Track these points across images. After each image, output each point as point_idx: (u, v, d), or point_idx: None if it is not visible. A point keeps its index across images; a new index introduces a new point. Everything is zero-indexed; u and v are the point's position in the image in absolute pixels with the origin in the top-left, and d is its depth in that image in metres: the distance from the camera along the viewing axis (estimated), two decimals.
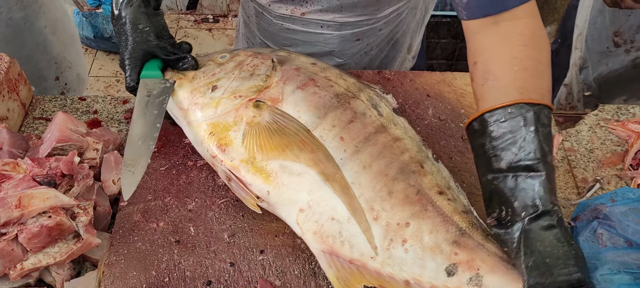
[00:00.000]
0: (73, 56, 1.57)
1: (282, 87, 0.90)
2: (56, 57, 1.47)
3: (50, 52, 1.44)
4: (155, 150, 1.03)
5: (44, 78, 1.43)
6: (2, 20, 1.28)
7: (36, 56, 1.40)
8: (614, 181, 1.04)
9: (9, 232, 0.81)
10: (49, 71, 1.45)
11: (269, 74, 0.92)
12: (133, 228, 0.91)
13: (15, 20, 1.31)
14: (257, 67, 0.94)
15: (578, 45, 1.61)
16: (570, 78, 1.67)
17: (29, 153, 0.98)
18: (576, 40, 1.61)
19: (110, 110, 1.15)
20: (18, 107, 1.11)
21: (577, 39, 1.61)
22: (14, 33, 1.31)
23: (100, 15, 2.80)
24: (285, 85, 0.90)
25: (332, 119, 0.86)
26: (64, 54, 1.51)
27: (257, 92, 0.90)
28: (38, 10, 1.38)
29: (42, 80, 1.42)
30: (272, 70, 0.93)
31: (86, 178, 0.93)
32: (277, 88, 0.90)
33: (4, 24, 1.29)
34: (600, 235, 0.86)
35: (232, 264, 0.87)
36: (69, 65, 1.53)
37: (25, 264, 0.83)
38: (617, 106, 1.17)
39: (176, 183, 0.98)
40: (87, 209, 0.88)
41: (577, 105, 1.67)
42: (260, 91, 0.90)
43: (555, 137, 1.09)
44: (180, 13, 3.26)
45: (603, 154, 1.08)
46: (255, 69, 0.93)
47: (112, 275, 0.86)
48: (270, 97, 0.89)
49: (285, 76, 0.92)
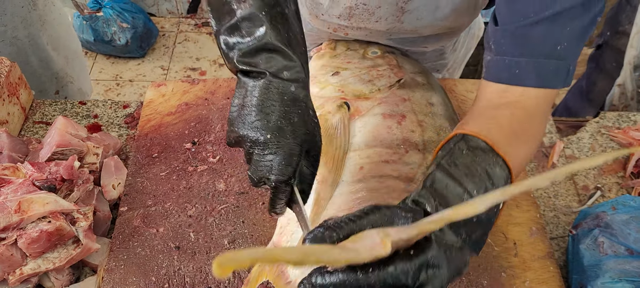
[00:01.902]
0: (75, 71, 1.57)
1: (373, 105, 0.90)
2: (58, 73, 1.48)
3: (52, 68, 1.45)
4: (155, 155, 1.02)
5: (45, 92, 1.44)
6: (7, 39, 1.29)
7: (39, 71, 1.41)
8: (615, 189, 1.04)
9: (8, 236, 0.81)
10: (50, 86, 1.46)
11: (381, 88, 0.93)
12: (133, 234, 0.91)
13: (19, 39, 1.32)
14: (380, 78, 0.95)
15: (635, 44, 1.61)
16: (624, 77, 1.66)
17: (29, 157, 0.98)
18: (633, 38, 1.61)
19: (110, 115, 1.15)
20: (18, 111, 1.10)
21: (634, 38, 1.61)
22: (19, 51, 1.33)
23: (100, 19, 2.80)
24: (378, 106, 0.90)
25: (376, 154, 0.85)
26: (66, 69, 1.52)
27: (356, 97, 0.91)
28: (41, 27, 1.38)
29: (43, 94, 1.43)
30: (388, 87, 0.93)
31: (86, 183, 0.93)
32: (370, 103, 0.91)
33: (8, 43, 1.30)
34: (601, 243, 0.86)
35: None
36: (70, 80, 1.54)
37: (25, 269, 0.83)
38: (618, 113, 1.17)
39: (176, 189, 0.98)
40: (86, 214, 0.88)
41: (630, 103, 1.66)
42: (358, 97, 0.91)
43: (556, 144, 1.09)
44: (180, 17, 3.26)
45: (604, 162, 1.08)
46: (378, 79, 0.94)
47: (111, 280, 0.85)
48: (357, 107, 0.90)
49: (389, 98, 0.92)
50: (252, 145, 0.62)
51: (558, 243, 0.96)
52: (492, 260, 0.88)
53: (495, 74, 0.74)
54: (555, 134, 1.12)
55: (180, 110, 1.11)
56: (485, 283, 0.86)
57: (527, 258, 0.89)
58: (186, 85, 1.16)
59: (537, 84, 0.71)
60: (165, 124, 1.08)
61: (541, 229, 0.92)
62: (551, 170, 0.45)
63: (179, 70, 2.94)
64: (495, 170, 0.61)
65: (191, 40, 3.12)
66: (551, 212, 1.00)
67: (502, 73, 0.73)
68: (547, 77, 0.72)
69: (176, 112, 1.10)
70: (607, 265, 0.82)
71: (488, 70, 0.76)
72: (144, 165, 1.01)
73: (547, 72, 0.71)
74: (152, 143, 1.05)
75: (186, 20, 3.25)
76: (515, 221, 0.93)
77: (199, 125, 1.08)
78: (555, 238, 0.97)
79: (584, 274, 0.85)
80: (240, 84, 0.65)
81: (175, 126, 1.08)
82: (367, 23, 1.00)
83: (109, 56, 2.99)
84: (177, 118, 1.09)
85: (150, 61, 2.99)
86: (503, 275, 0.87)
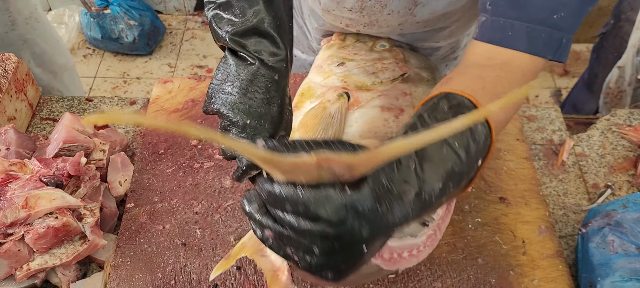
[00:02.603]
0: (65, 84, 1.58)
1: (373, 97, 0.90)
2: (43, 88, 1.49)
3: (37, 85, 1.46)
4: (162, 152, 1.02)
5: None
6: None
7: None
8: (626, 187, 1.02)
9: (15, 232, 0.81)
10: None
11: (383, 81, 0.93)
12: (139, 230, 0.91)
13: None
14: (384, 71, 0.94)
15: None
16: (626, 60, 1.63)
17: (36, 153, 0.98)
18: (639, 20, 1.58)
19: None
20: (25, 107, 1.11)
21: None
22: None
23: (107, 16, 2.80)
24: (377, 98, 0.90)
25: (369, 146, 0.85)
26: (53, 84, 1.53)
27: (357, 88, 0.91)
28: (22, 46, 1.40)
29: None
30: (391, 80, 0.93)
31: (93, 179, 0.93)
32: (370, 95, 0.90)
33: None
34: (611, 241, 0.85)
35: (238, 268, 0.86)
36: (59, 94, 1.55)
37: (32, 265, 0.83)
38: (629, 111, 1.15)
39: (183, 186, 0.97)
40: (93, 210, 0.88)
41: (627, 89, 1.63)
42: (360, 89, 0.91)
43: (566, 142, 1.08)
44: (187, 14, 3.26)
45: (614, 159, 1.07)
46: (382, 72, 0.94)
47: (118, 276, 0.85)
48: (357, 98, 0.90)
49: (390, 91, 0.91)
50: (230, 125, 0.64)
51: (567, 242, 0.95)
52: (501, 259, 0.88)
53: (488, 34, 0.75)
54: (565, 131, 1.11)
55: (187, 107, 1.10)
56: (494, 281, 0.85)
57: (535, 257, 0.88)
58: (193, 82, 1.15)
59: (527, 49, 0.72)
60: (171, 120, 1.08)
61: (550, 227, 0.91)
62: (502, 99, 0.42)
63: (186, 68, 2.95)
64: (478, 127, 0.60)
65: (198, 38, 3.12)
66: (560, 210, 0.99)
67: (495, 34, 0.74)
68: (538, 44, 0.72)
69: (183, 109, 1.10)
70: (617, 264, 0.81)
71: (481, 31, 0.77)
72: (151, 162, 1.01)
73: (539, 39, 0.72)
74: (159, 139, 1.04)
75: (193, 18, 3.25)
76: (524, 219, 0.92)
77: (205, 122, 1.08)
78: (565, 237, 0.96)
79: (593, 273, 0.84)
80: (227, 61, 0.67)
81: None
82: (378, 15, 0.99)
83: (117, 54, 3.00)
84: (184, 115, 1.09)
85: (158, 59, 3.00)
86: (511, 274, 0.86)
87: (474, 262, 0.87)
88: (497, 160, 1.01)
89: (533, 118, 1.14)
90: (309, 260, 0.49)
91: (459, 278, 0.85)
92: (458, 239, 0.90)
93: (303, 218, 0.47)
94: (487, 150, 0.63)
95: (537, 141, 1.10)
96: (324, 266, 0.49)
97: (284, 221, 0.48)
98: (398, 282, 0.85)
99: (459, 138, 0.57)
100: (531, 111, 1.15)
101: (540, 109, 1.16)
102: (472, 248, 0.89)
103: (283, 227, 0.49)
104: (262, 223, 0.51)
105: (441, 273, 0.86)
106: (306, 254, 0.49)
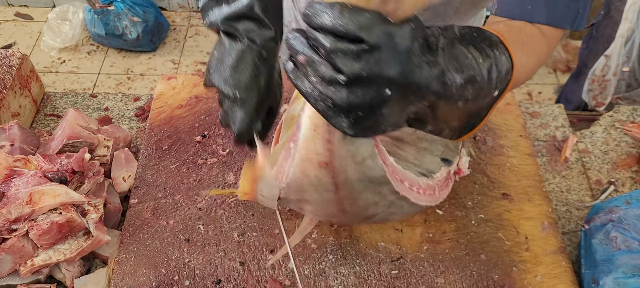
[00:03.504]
0: None
1: None
2: None
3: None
4: (166, 148, 1.03)
5: None
6: None
7: None
8: (629, 183, 1.02)
9: (19, 228, 0.82)
10: None
11: None
12: (143, 226, 0.91)
13: None
14: None
15: (629, 16, 1.59)
16: (613, 50, 1.65)
17: (40, 149, 0.99)
18: (627, 11, 1.60)
19: (121, 108, 1.15)
20: (30, 103, 1.11)
21: (629, 10, 1.59)
22: None
23: (111, 13, 2.80)
24: None
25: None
26: None
27: None
28: None
29: None
30: None
31: (96, 175, 0.93)
32: None
33: None
34: (614, 237, 0.84)
35: (241, 263, 0.87)
36: None
37: (36, 260, 0.83)
38: (632, 107, 1.15)
39: (186, 182, 0.98)
40: (97, 206, 0.88)
41: (611, 78, 1.64)
42: None
43: (569, 138, 1.07)
44: (191, 11, 3.27)
45: (618, 156, 1.06)
46: None
47: (121, 272, 0.86)
48: None
49: None
50: (223, 97, 0.71)
51: (570, 238, 0.95)
52: (504, 255, 0.88)
53: (507, 9, 0.76)
54: (568, 127, 1.11)
55: (191, 103, 1.11)
56: (497, 277, 0.85)
57: (538, 253, 0.88)
58: (196, 78, 1.16)
59: (547, 21, 0.74)
60: (175, 116, 1.08)
61: (553, 224, 0.91)
62: None
63: (190, 64, 2.95)
64: (502, 58, 0.61)
65: (202, 34, 3.12)
66: (563, 207, 0.99)
67: (515, 9, 0.76)
68: (557, 15, 0.74)
69: (186, 105, 1.10)
70: (619, 260, 0.81)
71: (500, 6, 0.78)
72: (154, 158, 1.01)
73: (557, 10, 0.74)
74: (163, 136, 1.05)
75: (197, 14, 3.25)
76: (527, 215, 0.92)
77: (209, 118, 1.08)
78: (568, 233, 0.96)
79: (596, 269, 0.84)
80: (221, 41, 0.73)
81: (185, 119, 1.08)
82: None
83: (120, 50, 3.00)
84: (187, 111, 1.09)
85: (161, 55, 3.00)
86: (514, 270, 0.86)
87: (477, 258, 0.87)
88: (500, 157, 1.01)
89: (536, 114, 1.14)
90: (331, 93, 0.48)
91: (461, 274, 0.86)
92: (461, 235, 0.90)
93: (339, 38, 0.47)
94: (506, 85, 0.64)
95: (540, 137, 1.10)
96: (343, 107, 0.48)
97: (318, 41, 0.48)
98: (401, 278, 0.85)
99: (483, 58, 0.58)
100: (534, 107, 1.15)
101: (544, 106, 1.15)
102: (475, 244, 0.89)
103: (317, 51, 0.49)
104: (295, 47, 0.50)
105: (444, 269, 0.86)
106: (330, 85, 0.48)
